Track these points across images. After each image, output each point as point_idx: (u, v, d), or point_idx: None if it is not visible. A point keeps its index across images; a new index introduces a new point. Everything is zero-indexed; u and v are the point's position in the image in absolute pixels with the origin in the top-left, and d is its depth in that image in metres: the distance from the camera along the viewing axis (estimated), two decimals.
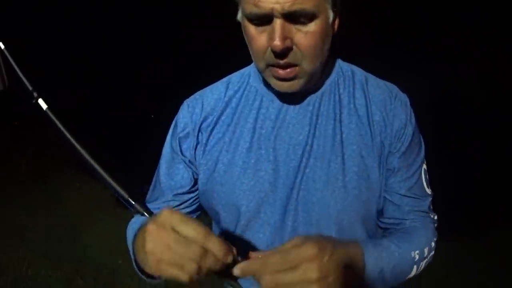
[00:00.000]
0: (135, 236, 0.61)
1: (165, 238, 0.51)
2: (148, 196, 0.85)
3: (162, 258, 0.51)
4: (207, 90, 0.81)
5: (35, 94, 0.66)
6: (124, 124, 5.61)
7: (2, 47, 0.69)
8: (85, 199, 4.08)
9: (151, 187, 0.85)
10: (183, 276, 0.51)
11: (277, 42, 0.60)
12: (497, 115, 6.06)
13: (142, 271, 0.64)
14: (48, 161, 5.11)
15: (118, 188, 0.59)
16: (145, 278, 0.70)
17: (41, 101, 0.65)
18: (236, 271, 0.54)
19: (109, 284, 2.75)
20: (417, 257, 0.71)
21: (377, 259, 0.64)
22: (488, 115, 6.15)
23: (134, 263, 0.68)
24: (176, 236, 0.51)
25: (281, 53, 0.62)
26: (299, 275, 0.52)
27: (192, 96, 0.82)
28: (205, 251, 0.51)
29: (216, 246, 0.52)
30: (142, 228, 0.57)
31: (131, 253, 0.69)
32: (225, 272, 0.55)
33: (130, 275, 2.79)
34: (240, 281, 0.79)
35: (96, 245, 3.19)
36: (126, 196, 0.58)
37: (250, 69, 0.80)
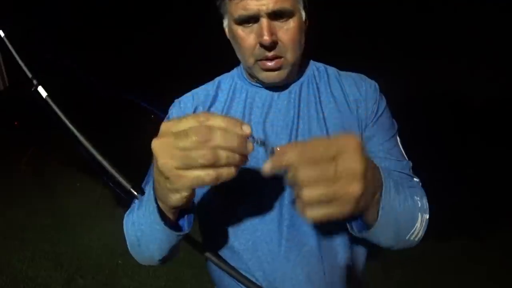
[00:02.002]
0: (150, 193, 0.57)
1: (168, 142, 0.46)
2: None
3: (175, 164, 0.46)
4: (196, 89, 0.89)
5: (34, 82, 0.65)
6: (123, 121, 5.61)
7: (2, 35, 0.69)
8: (85, 199, 4.08)
9: (144, 182, 0.82)
10: (208, 172, 0.45)
11: (266, 37, 0.70)
12: (497, 115, 6.06)
13: (170, 224, 0.60)
14: (48, 161, 5.12)
15: (120, 178, 0.57)
16: (174, 233, 0.61)
17: (40, 89, 0.64)
18: (267, 166, 0.47)
19: (109, 284, 2.75)
20: (418, 203, 0.68)
21: (389, 182, 0.60)
22: (488, 115, 6.15)
23: (155, 223, 0.59)
24: (177, 134, 0.46)
25: (270, 46, 0.72)
26: (342, 165, 0.45)
27: (183, 96, 0.88)
28: (210, 130, 0.44)
29: (220, 119, 0.45)
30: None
31: (138, 230, 0.65)
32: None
33: (130, 275, 2.79)
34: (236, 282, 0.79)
35: (95, 245, 3.19)
36: (128, 186, 0.57)
37: (235, 72, 0.89)
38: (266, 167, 0.48)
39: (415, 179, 0.81)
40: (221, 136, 0.45)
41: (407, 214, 0.64)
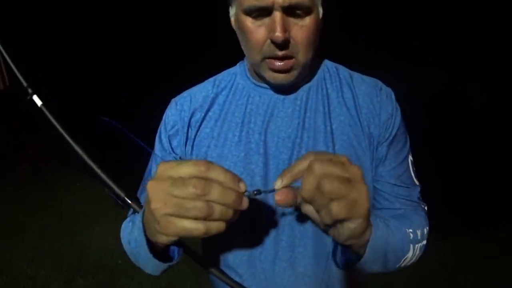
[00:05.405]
0: (142, 221, 0.57)
1: (164, 187, 0.46)
2: (138, 195, 0.82)
3: (167, 211, 0.45)
4: (194, 89, 0.82)
5: (30, 91, 0.64)
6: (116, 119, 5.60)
7: None
8: (85, 199, 4.07)
9: (141, 187, 0.83)
10: (198, 226, 0.45)
11: (278, 33, 0.62)
12: (497, 115, 6.06)
13: (158, 256, 0.61)
14: (47, 161, 5.11)
15: (114, 187, 0.57)
16: (161, 263, 0.64)
17: (36, 98, 0.63)
18: (278, 183, 0.49)
19: (108, 284, 2.75)
20: (411, 235, 0.69)
21: (380, 229, 0.62)
22: (488, 115, 6.15)
23: (146, 252, 0.60)
24: (174, 180, 0.45)
25: (282, 44, 0.64)
26: (356, 192, 0.46)
27: (180, 95, 0.83)
28: (208, 183, 0.44)
29: (220, 173, 0.46)
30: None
31: (133, 249, 0.65)
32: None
33: (130, 275, 2.79)
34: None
35: (95, 245, 3.19)
36: (122, 195, 0.57)
37: (236, 69, 0.82)
38: (278, 183, 0.50)
39: (421, 205, 0.79)
40: (219, 191, 0.44)
41: (396, 249, 0.65)
